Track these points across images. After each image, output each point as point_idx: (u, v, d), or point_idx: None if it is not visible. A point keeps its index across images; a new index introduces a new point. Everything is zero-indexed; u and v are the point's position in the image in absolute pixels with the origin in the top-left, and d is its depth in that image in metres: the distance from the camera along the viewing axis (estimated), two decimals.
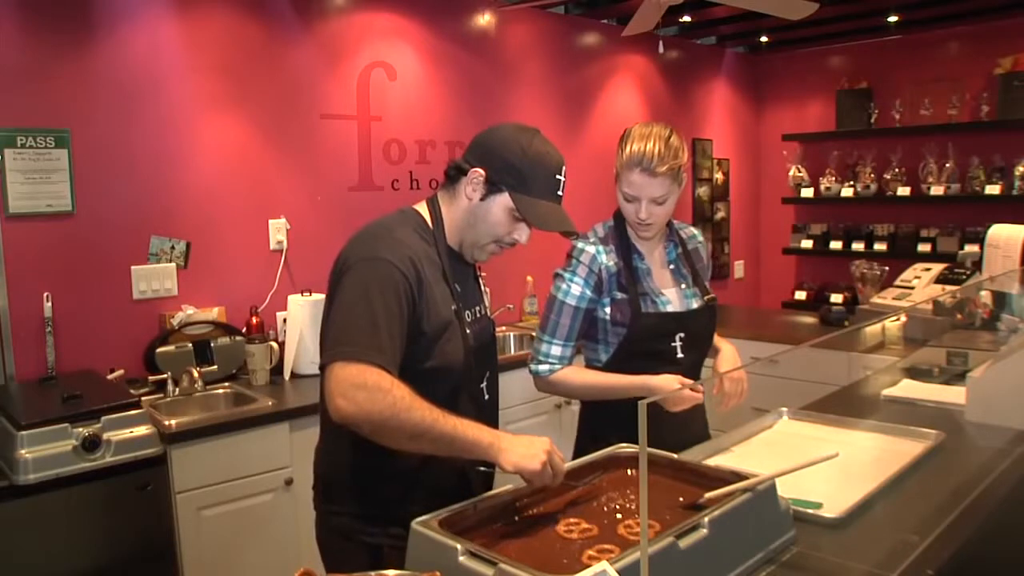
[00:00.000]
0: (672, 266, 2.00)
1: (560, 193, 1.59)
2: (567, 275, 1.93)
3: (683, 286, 1.98)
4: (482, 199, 1.55)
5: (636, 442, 0.94)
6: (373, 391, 1.32)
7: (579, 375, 1.93)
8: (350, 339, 1.37)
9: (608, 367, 1.93)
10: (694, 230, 2.13)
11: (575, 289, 1.91)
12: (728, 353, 2.04)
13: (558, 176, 1.57)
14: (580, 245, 1.95)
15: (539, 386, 1.99)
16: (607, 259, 1.92)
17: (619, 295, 1.91)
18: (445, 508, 1.32)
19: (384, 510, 1.52)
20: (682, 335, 1.93)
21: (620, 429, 1.61)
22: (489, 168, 1.54)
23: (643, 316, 1.89)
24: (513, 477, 1.41)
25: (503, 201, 1.55)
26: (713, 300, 2.00)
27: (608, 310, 1.92)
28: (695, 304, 1.97)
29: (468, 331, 1.57)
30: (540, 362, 1.94)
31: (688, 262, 2.02)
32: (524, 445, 1.37)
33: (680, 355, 1.93)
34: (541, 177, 1.54)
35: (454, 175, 1.59)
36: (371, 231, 1.55)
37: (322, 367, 1.40)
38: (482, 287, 1.77)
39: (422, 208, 1.63)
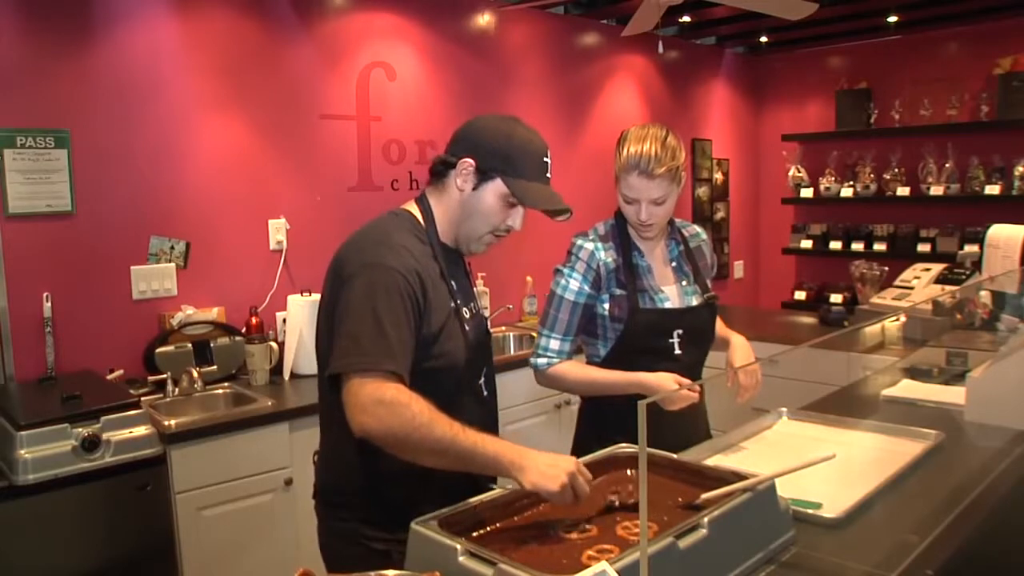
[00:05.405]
0: (674, 264, 2.02)
1: (548, 176, 1.61)
2: (566, 271, 1.96)
3: (683, 283, 2.00)
4: (474, 188, 1.56)
5: (637, 441, 0.94)
6: (392, 406, 1.33)
7: (576, 370, 1.96)
8: (362, 348, 1.37)
9: (607, 363, 1.95)
10: (698, 228, 2.14)
11: (573, 284, 1.94)
12: (741, 345, 2.05)
13: (545, 159, 1.59)
14: (579, 242, 1.98)
15: (538, 380, 2.02)
16: (606, 255, 1.94)
17: (617, 291, 1.93)
18: (446, 508, 1.32)
19: (391, 515, 1.49)
20: (680, 331, 1.94)
21: (623, 429, 1.61)
22: (478, 157, 1.55)
23: (640, 312, 1.91)
24: None
25: (495, 188, 1.55)
26: (714, 298, 2.01)
27: (607, 306, 1.94)
28: (695, 301, 1.98)
29: (467, 327, 1.57)
30: (539, 356, 1.98)
31: (690, 260, 2.03)
32: (546, 464, 1.33)
33: (678, 351, 1.94)
34: (530, 160, 1.56)
35: (441, 170, 1.60)
36: (369, 236, 1.54)
37: (334, 376, 1.40)
38: (472, 283, 1.77)
39: (412, 208, 1.63)
